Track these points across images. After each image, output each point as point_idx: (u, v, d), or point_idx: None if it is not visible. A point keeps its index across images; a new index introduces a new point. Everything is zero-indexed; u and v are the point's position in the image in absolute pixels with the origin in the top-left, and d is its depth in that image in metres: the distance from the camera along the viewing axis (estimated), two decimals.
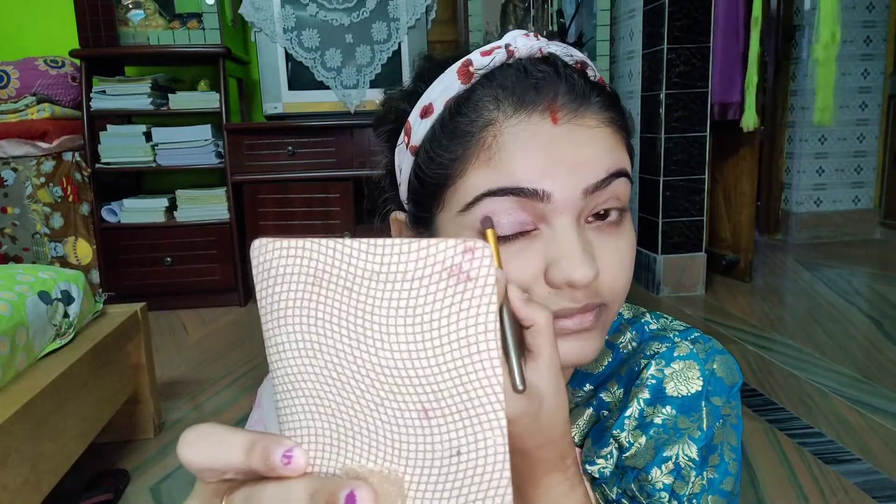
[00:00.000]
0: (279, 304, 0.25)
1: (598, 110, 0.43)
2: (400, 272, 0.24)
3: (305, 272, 0.25)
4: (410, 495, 0.25)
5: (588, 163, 0.41)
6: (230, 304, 2.79)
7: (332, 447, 0.26)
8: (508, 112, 0.42)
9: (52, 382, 1.13)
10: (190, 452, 0.26)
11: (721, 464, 0.46)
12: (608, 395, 0.51)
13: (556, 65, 0.43)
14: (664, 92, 2.61)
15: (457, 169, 0.43)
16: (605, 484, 0.48)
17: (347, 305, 0.24)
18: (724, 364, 0.48)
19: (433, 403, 0.24)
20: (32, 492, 1.04)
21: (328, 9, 2.71)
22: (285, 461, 0.25)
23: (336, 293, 0.24)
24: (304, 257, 0.25)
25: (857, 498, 1.29)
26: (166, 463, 1.49)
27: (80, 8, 2.62)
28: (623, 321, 0.54)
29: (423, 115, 0.45)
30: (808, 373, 1.89)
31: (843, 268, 3.13)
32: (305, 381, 0.26)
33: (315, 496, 0.24)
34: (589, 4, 2.97)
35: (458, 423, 0.24)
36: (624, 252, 0.44)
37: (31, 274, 1.27)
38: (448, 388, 0.24)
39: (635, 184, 2.92)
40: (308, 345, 0.25)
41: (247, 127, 2.81)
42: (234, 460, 0.26)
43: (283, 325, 0.25)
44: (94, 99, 2.60)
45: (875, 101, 3.67)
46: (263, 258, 0.25)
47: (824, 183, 3.74)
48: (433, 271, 0.24)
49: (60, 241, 2.61)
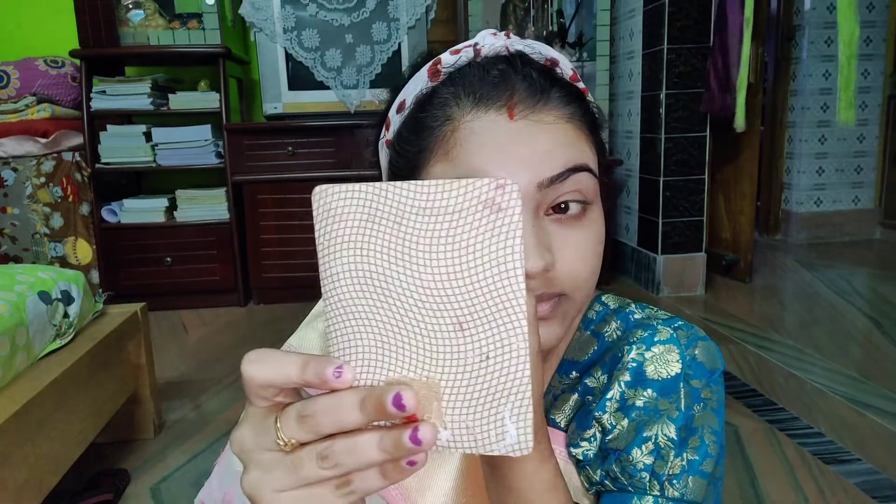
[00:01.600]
0: (336, 239, 0.29)
1: (558, 106, 0.45)
2: (443, 206, 0.28)
3: (361, 211, 0.28)
4: (445, 397, 0.29)
5: (543, 158, 0.43)
6: (230, 304, 2.79)
7: (377, 362, 0.29)
8: (466, 108, 0.44)
9: (52, 382, 1.13)
10: (252, 368, 0.29)
11: (701, 446, 0.47)
12: (593, 380, 0.52)
13: (515, 63, 0.45)
14: (664, 92, 2.61)
15: (419, 162, 0.46)
16: (590, 466, 0.49)
17: (396, 237, 0.28)
18: (705, 350, 0.50)
19: (467, 317, 0.28)
20: (32, 492, 1.04)
21: (328, 9, 2.71)
22: (336, 374, 0.28)
23: (387, 227, 0.28)
24: (359, 199, 0.28)
25: (857, 498, 1.29)
26: (166, 463, 1.49)
27: (80, 8, 2.62)
28: (609, 311, 0.56)
29: (398, 111, 0.49)
30: (808, 373, 1.89)
31: (843, 268, 3.13)
32: (356, 305, 0.29)
33: (364, 402, 0.27)
34: (589, 4, 2.97)
35: (488, 332, 0.28)
36: (585, 244, 0.45)
37: (30, 274, 1.27)
38: (481, 303, 0.28)
39: (635, 183, 2.92)
40: (360, 273, 0.29)
41: (247, 127, 2.82)
42: (291, 375, 0.28)
43: (338, 258, 0.29)
44: (94, 99, 2.60)
45: (875, 101, 3.67)
46: (324, 201, 0.29)
47: (824, 183, 3.74)
48: (471, 204, 0.27)
49: (60, 241, 2.61)
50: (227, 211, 2.72)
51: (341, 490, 0.29)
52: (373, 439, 0.28)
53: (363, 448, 0.28)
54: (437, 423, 0.29)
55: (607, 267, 2.92)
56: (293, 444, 0.29)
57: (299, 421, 0.29)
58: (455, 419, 0.29)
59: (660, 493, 0.46)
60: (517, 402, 0.28)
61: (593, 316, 0.56)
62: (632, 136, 2.94)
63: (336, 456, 0.28)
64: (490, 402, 0.28)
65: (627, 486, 0.46)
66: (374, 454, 0.28)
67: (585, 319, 0.56)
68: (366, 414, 0.27)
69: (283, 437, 0.29)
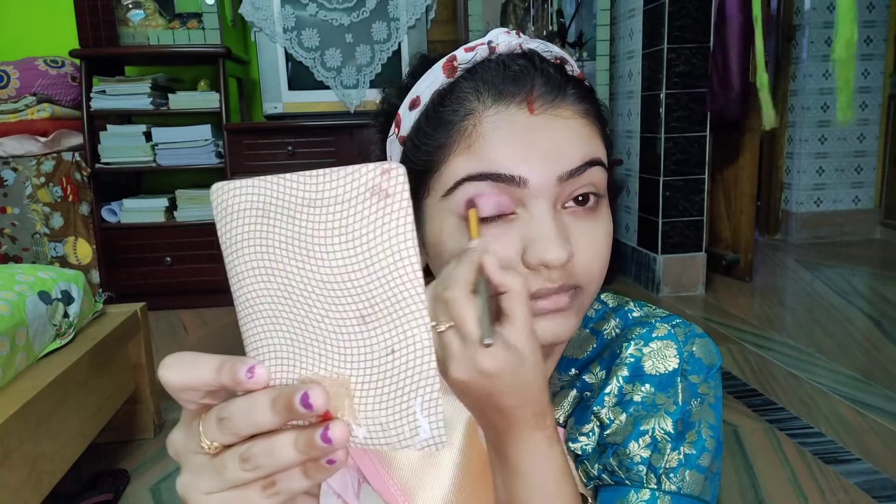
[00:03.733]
0: (236, 237, 0.28)
1: (574, 102, 0.46)
2: (331, 196, 0.27)
3: (255, 206, 0.28)
4: (357, 392, 0.28)
5: (563, 151, 0.44)
6: (230, 304, 2.72)
7: (289, 361, 0.29)
8: (488, 103, 0.45)
9: (52, 382, 1.13)
10: (168, 373, 0.29)
11: (698, 440, 0.47)
12: (591, 376, 0.52)
13: (533, 59, 0.46)
14: (664, 92, 2.61)
15: (440, 156, 0.46)
16: (588, 461, 0.49)
17: (291, 231, 0.27)
18: (702, 346, 0.50)
19: (368, 310, 0.27)
20: (32, 492, 1.04)
21: (328, 9, 2.71)
22: (248, 375, 0.28)
23: (282, 221, 0.28)
24: (253, 194, 0.28)
25: (857, 498, 1.29)
26: (166, 463, 1.49)
27: (80, 8, 2.62)
28: (608, 310, 0.56)
29: (412, 108, 0.49)
30: (808, 373, 1.89)
31: (843, 268, 3.13)
32: (263, 303, 0.29)
33: (275, 402, 0.27)
34: (589, 4, 2.97)
35: (391, 325, 0.27)
36: (599, 237, 0.46)
37: (30, 274, 1.27)
38: (379, 295, 0.27)
39: (635, 183, 2.92)
40: (262, 270, 0.28)
41: (247, 127, 2.81)
42: (206, 378, 0.29)
43: (240, 256, 0.28)
44: (94, 99, 2.59)
45: (875, 101, 3.67)
46: (221, 199, 0.28)
47: (824, 183, 3.74)
48: (359, 192, 0.27)
49: (60, 241, 2.61)
50: None
51: (268, 491, 0.29)
52: (288, 440, 0.28)
53: (280, 449, 0.28)
54: (351, 421, 0.28)
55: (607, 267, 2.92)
56: (216, 448, 0.29)
57: (218, 424, 0.29)
58: (368, 416, 0.28)
59: (657, 487, 0.46)
60: (426, 395, 0.27)
61: (592, 314, 0.57)
62: (632, 135, 2.94)
63: (256, 458, 0.28)
64: (400, 396, 0.28)
65: (625, 480, 0.47)
66: (290, 455, 0.28)
67: (585, 318, 0.57)
68: (278, 414, 0.27)
69: (206, 441, 0.29)
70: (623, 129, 3.05)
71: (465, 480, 0.51)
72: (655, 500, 0.46)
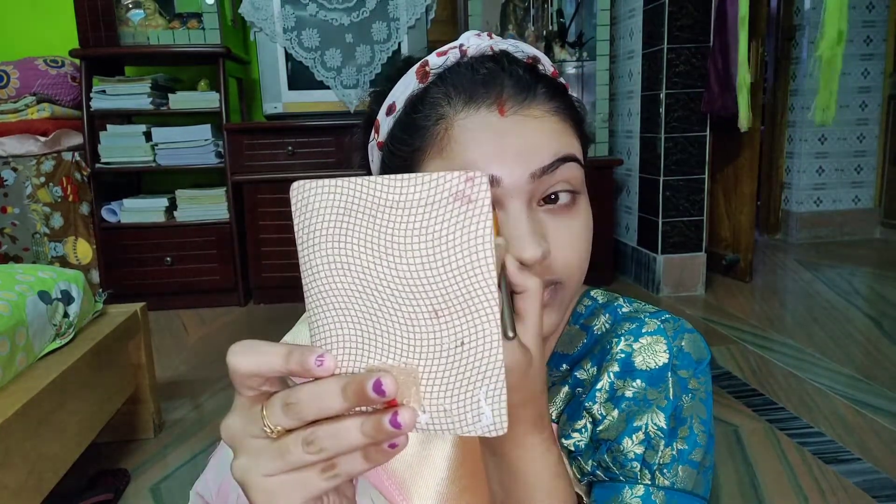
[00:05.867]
0: (314, 232, 0.30)
1: (544, 101, 0.46)
2: (415, 199, 0.29)
3: (337, 205, 0.29)
4: (423, 381, 0.30)
5: (534, 149, 0.44)
6: (230, 304, 2.79)
7: (357, 350, 0.30)
8: (458, 107, 0.46)
9: (52, 382, 1.13)
10: (237, 359, 0.30)
11: (690, 435, 0.48)
12: (583, 372, 0.53)
13: (502, 62, 0.47)
14: (664, 92, 2.61)
15: (415, 160, 0.47)
16: (581, 457, 0.50)
17: (372, 229, 0.29)
18: (691, 341, 0.51)
19: (442, 305, 0.29)
20: (32, 492, 1.04)
21: (328, 8, 2.71)
22: (318, 363, 0.29)
23: (363, 220, 0.29)
24: (336, 193, 0.29)
25: (857, 498, 1.29)
26: (166, 463, 1.49)
27: (80, 8, 2.61)
28: (598, 306, 0.57)
29: (388, 113, 0.50)
30: (808, 373, 1.89)
31: (843, 268, 3.13)
32: (335, 295, 0.30)
33: (346, 388, 0.28)
34: (589, 4, 2.97)
35: (462, 319, 0.29)
36: (576, 232, 0.47)
37: (30, 274, 1.27)
38: (454, 291, 0.29)
39: (635, 183, 2.92)
40: (338, 264, 0.30)
41: (247, 127, 2.81)
42: (275, 365, 0.30)
43: (317, 251, 0.30)
44: (94, 99, 2.59)
45: (875, 101, 3.67)
46: (302, 196, 0.30)
47: (824, 183, 3.74)
48: (442, 197, 0.29)
49: (60, 240, 2.61)
50: (226, 211, 2.72)
51: (327, 473, 0.30)
52: (355, 424, 0.29)
53: (346, 433, 0.29)
54: (416, 407, 0.30)
55: (607, 267, 2.92)
56: (279, 431, 0.30)
57: (284, 409, 0.30)
58: (433, 403, 0.30)
59: (651, 482, 0.46)
60: (492, 384, 0.29)
61: (582, 310, 0.57)
62: (632, 135, 2.94)
63: (320, 441, 0.29)
64: (466, 385, 0.29)
65: (619, 476, 0.47)
66: (356, 438, 0.29)
67: (575, 314, 0.57)
68: (347, 400, 0.28)
69: (270, 425, 0.30)
70: (623, 129, 3.05)
71: (458, 473, 0.52)
72: (650, 496, 0.46)
